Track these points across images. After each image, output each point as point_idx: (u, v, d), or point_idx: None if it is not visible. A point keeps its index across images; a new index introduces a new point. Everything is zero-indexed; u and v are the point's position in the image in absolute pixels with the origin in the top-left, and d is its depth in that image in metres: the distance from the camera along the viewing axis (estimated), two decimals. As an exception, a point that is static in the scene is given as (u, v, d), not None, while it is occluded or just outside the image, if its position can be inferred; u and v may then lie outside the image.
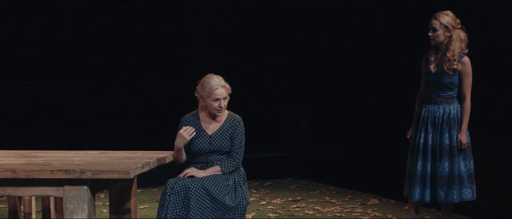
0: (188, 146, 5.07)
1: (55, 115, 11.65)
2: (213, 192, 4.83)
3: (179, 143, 5.00)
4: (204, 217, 4.78)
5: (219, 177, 4.96)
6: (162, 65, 12.22)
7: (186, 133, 4.97)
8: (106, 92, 12.08)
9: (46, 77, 11.78)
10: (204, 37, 12.23)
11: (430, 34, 5.58)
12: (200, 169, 5.04)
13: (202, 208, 4.78)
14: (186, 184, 4.80)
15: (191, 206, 4.75)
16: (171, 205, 4.76)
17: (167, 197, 4.77)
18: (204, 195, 4.80)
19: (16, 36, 11.52)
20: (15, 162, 4.69)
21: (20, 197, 5.83)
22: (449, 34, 5.54)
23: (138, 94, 12.22)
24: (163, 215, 4.75)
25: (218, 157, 5.09)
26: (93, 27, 11.89)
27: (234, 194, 4.99)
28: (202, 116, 5.12)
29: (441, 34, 5.55)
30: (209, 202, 4.81)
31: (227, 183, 4.96)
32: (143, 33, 12.08)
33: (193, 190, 4.77)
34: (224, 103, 5.05)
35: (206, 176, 4.93)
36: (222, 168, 5.04)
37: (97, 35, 11.92)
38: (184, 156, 5.08)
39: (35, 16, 11.65)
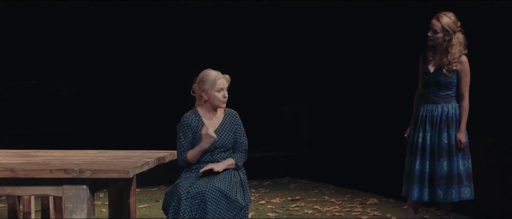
0: (193, 145, 5.06)
1: (55, 115, 11.64)
2: (227, 192, 4.85)
3: (206, 144, 4.98)
4: (221, 218, 4.81)
5: (228, 177, 4.99)
6: (162, 65, 12.21)
7: (213, 132, 4.97)
8: (106, 92, 12.07)
9: (46, 77, 11.76)
10: (204, 37, 12.22)
11: (429, 34, 5.57)
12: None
13: (219, 210, 4.81)
14: (201, 188, 4.80)
15: (208, 209, 4.76)
16: (188, 209, 4.77)
17: (183, 201, 4.77)
18: (220, 197, 4.83)
19: (16, 36, 11.52)
20: (14, 161, 4.70)
21: (19, 197, 5.84)
22: (449, 38, 5.54)
23: (138, 94, 12.21)
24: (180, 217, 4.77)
25: (222, 155, 5.11)
26: (93, 27, 11.88)
27: (243, 193, 5.05)
28: (202, 113, 5.12)
29: (440, 37, 5.54)
30: (224, 203, 4.84)
31: (235, 180, 5.02)
32: (143, 33, 12.07)
33: (208, 193, 4.79)
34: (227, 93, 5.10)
35: (218, 177, 4.94)
36: (236, 161, 5.09)
37: (97, 35, 11.92)
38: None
39: (35, 16, 11.65)
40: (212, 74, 5.07)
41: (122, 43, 12.04)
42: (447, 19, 5.53)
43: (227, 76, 5.12)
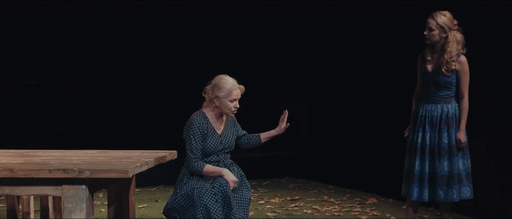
0: (202, 148, 5.09)
1: (54, 114, 11.63)
2: (240, 190, 5.09)
3: (229, 176, 5.03)
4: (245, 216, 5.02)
5: (235, 174, 5.13)
6: (161, 65, 12.20)
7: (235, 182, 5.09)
8: (105, 92, 12.05)
9: (45, 77, 11.75)
10: (202, 37, 12.21)
11: (425, 33, 5.61)
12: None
13: (243, 206, 5.04)
14: (223, 188, 4.94)
15: (232, 206, 4.92)
16: (220, 207, 4.91)
17: (215, 202, 4.90)
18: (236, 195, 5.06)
19: (16, 36, 11.50)
20: (13, 161, 4.69)
21: (18, 196, 5.82)
22: (445, 35, 5.56)
23: (137, 94, 12.20)
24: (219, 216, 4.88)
25: (226, 155, 5.21)
26: (93, 27, 11.87)
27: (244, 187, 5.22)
28: (210, 116, 5.15)
29: (436, 35, 5.56)
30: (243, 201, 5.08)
31: (238, 175, 5.17)
32: (143, 33, 12.06)
33: (230, 192, 4.96)
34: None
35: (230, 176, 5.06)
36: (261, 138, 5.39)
37: (97, 35, 11.91)
38: None
39: (35, 16, 11.63)
40: (229, 82, 5.10)
41: (122, 43, 12.02)
42: (443, 16, 5.56)
43: (242, 87, 5.19)
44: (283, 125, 5.35)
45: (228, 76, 5.15)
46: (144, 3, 12.00)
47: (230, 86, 5.08)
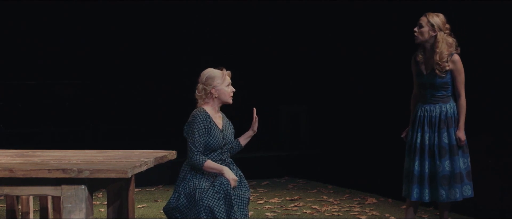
0: (206, 143, 5.08)
1: (54, 114, 11.62)
2: (239, 189, 5.09)
3: (229, 174, 5.02)
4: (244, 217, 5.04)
5: (235, 173, 5.13)
6: (161, 65, 12.20)
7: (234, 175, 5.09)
8: (105, 92, 12.05)
9: (45, 77, 11.75)
10: (202, 37, 12.21)
11: (415, 29, 5.60)
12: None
13: (242, 205, 5.03)
14: (224, 186, 4.94)
15: (233, 204, 4.93)
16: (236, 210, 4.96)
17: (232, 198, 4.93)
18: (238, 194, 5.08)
19: (16, 36, 11.49)
20: (12, 161, 4.68)
21: (17, 196, 5.82)
22: (434, 34, 5.54)
23: (137, 94, 12.19)
24: (232, 216, 4.90)
25: (228, 154, 5.21)
26: (93, 27, 11.87)
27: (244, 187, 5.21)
28: (209, 111, 5.14)
29: (425, 32, 5.56)
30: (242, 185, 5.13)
31: (237, 175, 5.16)
32: (142, 33, 12.06)
33: (231, 190, 4.97)
34: None
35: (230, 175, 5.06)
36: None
37: (97, 35, 11.90)
38: None
39: (35, 16, 11.63)
40: (216, 71, 5.15)
41: (122, 43, 12.02)
42: (435, 17, 5.57)
43: (229, 71, 5.21)
44: (254, 121, 5.28)
45: (211, 68, 5.19)
46: (144, 3, 12.00)
47: (219, 73, 5.12)
